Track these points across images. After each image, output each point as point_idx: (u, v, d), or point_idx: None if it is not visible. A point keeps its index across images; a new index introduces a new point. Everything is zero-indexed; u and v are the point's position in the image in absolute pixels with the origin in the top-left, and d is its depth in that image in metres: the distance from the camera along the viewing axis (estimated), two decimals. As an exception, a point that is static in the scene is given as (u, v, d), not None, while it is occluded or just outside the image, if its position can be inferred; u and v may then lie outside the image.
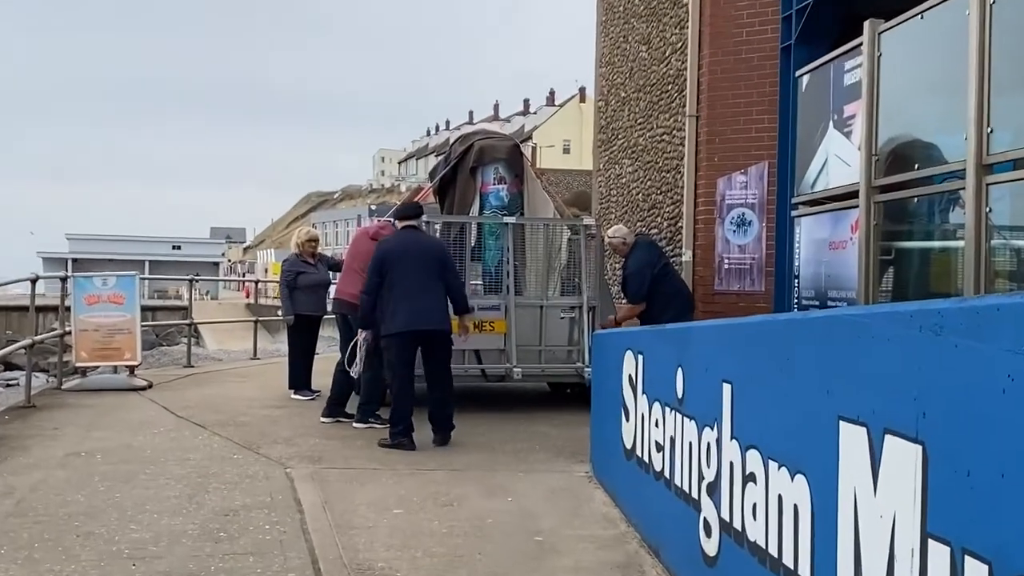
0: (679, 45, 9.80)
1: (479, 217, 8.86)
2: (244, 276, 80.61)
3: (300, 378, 9.28)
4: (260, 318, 16.54)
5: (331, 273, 9.43)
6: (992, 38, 3.88)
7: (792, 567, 2.76)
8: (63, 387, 9.95)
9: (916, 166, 4.57)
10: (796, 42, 6.62)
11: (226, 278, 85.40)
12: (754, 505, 3.07)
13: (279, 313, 10.31)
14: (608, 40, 12.84)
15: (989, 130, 3.88)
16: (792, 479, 2.77)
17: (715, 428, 3.52)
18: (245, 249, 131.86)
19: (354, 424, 7.60)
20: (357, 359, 7.33)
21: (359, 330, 7.25)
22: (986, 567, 1.77)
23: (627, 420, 5.04)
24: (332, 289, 9.15)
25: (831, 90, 5.47)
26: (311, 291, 9.17)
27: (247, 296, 55.70)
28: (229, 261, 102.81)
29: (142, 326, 10.81)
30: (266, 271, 63.63)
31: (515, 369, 8.25)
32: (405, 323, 6.54)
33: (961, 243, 4.14)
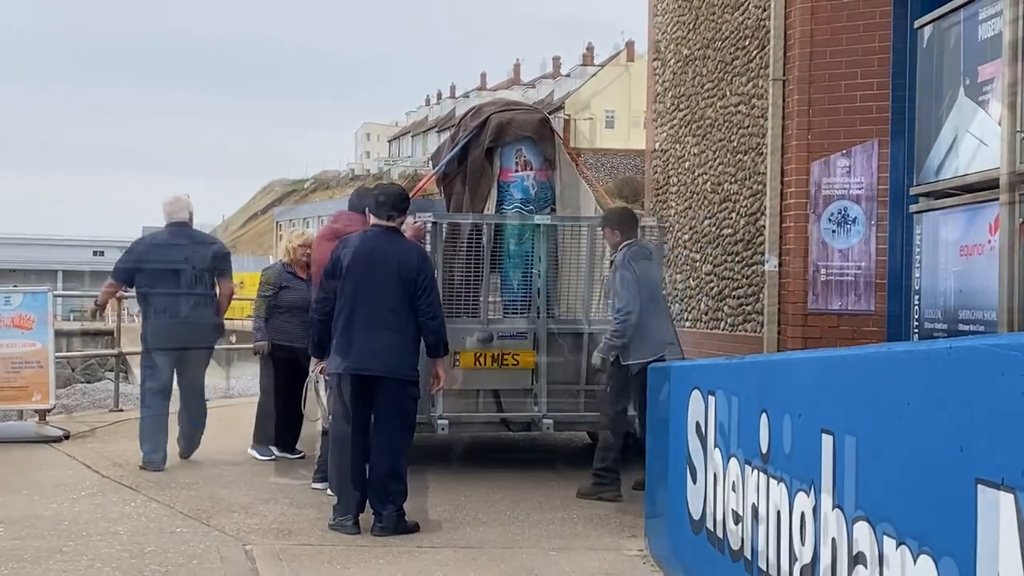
0: (760, -14, 9.83)
1: (498, 216, 8.89)
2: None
3: (278, 431, 9.21)
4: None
5: None
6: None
7: (916, 678, 2.76)
8: (-50, 439, 10.01)
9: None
10: (915, -18, 6.64)
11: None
12: (864, 595, 3.07)
13: (232, 340, 10.26)
14: (666, -20, 12.88)
15: (1022, 136, 3.91)
16: (915, 561, 2.78)
17: (812, 493, 3.52)
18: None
19: (312, 485, 7.77)
20: (310, 400, 7.33)
21: (312, 362, 7.19)
22: None
23: (694, 482, 5.04)
24: None
25: (962, 45, 5.47)
26: (296, 314, 9.01)
27: (191, 317, 55.97)
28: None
29: (56, 357, 10.90)
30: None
31: (545, 420, 8.27)
32: (339, 363, 6.50)
33: None
